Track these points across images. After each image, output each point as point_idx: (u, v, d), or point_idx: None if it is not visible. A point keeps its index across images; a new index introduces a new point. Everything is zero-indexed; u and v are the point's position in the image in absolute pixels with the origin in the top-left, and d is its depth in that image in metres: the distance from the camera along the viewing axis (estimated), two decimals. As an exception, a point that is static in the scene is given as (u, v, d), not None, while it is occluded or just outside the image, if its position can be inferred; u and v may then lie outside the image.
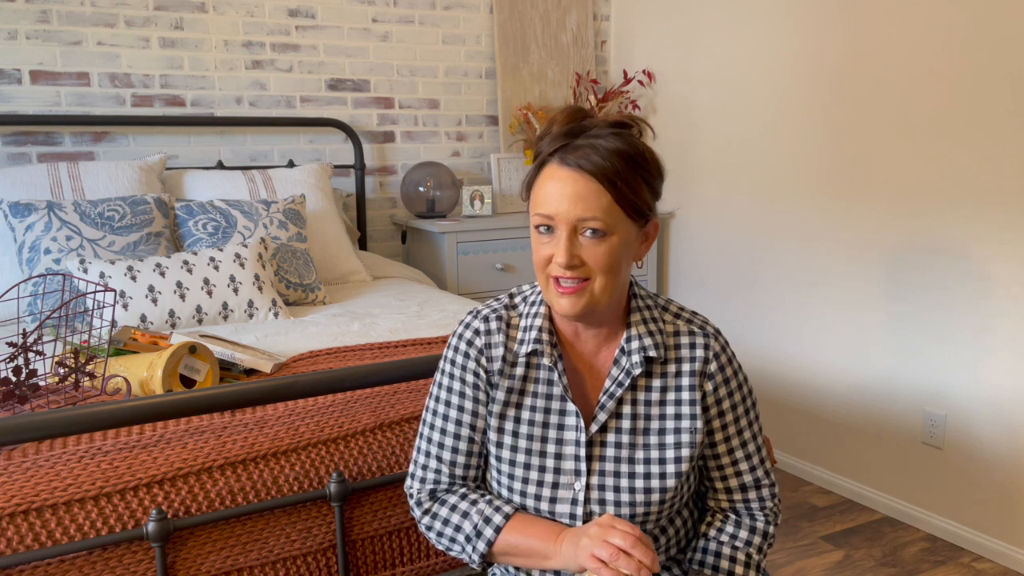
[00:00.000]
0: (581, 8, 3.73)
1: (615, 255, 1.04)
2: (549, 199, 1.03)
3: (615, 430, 1.11)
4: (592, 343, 1.14)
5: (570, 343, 1.15)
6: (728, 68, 3.17)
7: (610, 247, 1.03)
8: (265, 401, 1.28)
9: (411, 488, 1.20)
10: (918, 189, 2.51)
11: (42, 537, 1.17)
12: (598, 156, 1.02)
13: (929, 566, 2.37)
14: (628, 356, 1.11)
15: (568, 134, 1.05)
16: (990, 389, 2.37)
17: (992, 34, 2.27)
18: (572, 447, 1.11)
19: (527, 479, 1.12)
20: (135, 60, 2.89)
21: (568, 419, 1.12)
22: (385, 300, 2.57)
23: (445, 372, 1.18)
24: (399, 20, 3.35)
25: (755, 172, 3.10)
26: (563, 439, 1.12)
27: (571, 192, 1.02)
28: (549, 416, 1.12)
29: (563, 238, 1.03)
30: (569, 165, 1.03)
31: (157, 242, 2.43)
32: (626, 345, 1.11)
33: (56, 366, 1.58)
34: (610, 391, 1.11)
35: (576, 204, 1.02)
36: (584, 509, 1.10)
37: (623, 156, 1.03)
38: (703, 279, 3.41)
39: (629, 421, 1.12)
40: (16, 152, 2.75)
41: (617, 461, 1.11)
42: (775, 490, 1.20)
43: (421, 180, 3.31)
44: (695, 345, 1.13)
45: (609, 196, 1.02)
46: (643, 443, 1.11)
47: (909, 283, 2.56)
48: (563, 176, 1.03)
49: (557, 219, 1.03)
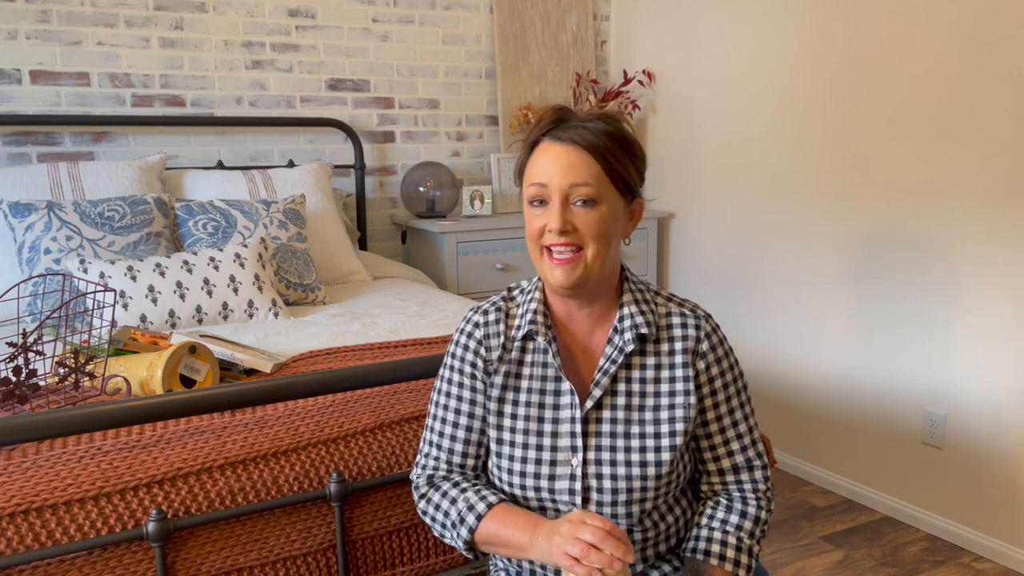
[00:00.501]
0: (581, 8, 3.73)
1: (605, 223, 1.10)
2: (542, 171, 1.10)
3: (610, 407, 1.15)
4: (586, 323, 1.18)
5: (564, 325, 1.19)
6: (728, 68, 3.17)
7: (600, 215, 1.09)
8: (265, 401, 1.28)
9: (413, 475, 1.25)
10: (918, 189, 2.51)
11: (42, 537, 1.17)
12: (589, 134, 1.09)
13: (929, 566, 2.37)
14: (621, 334, 1.15)
15: (557, 120, 1.12)
16: (990, 389, 2.37)
17: (992, 34, 2.27)
18: (568, 424, 1.14)
19: (526, 459, 1.15)
20: (135, 60, 2.89)
21: (563, 398, 1.15)
22: (385, 300, 2.57)
23: (447, 365, 1.23)
24: (399, 20, 3.35)
25: (755, 172, 3.10)
26: (559, 418, 1.15)
27: (564, 162, 1.08)
28: (545, 396, 1.16)
29: (556, 205, 1.09)
30: (562, 140, 1.10)
31: (157, 242, 2.43)
32: (619, 324, 1.16)
33: (56, 366, 1.58)
34: (604, 368, 1.15)
35: (568, 172, 1.08)
36: (582, 484, 1.13)
37: (612, 136, 1.10)
38: (703, 279, 3.41)
39: (624, 398, 1.15)
40: (16, 152, 2.75)
41: (613, 436, 1.14)
42: (767, 473, 1.21)
43: (421, 180, 3.31)
44: (686, 325, 1.18)
45: (600, 167, 1.09)
46: (638, 419, 1.14)
47: (909, 283, 2.56)
48: (556, 150, 1.10)
49: (551, 187, 1.09)
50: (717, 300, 3.33)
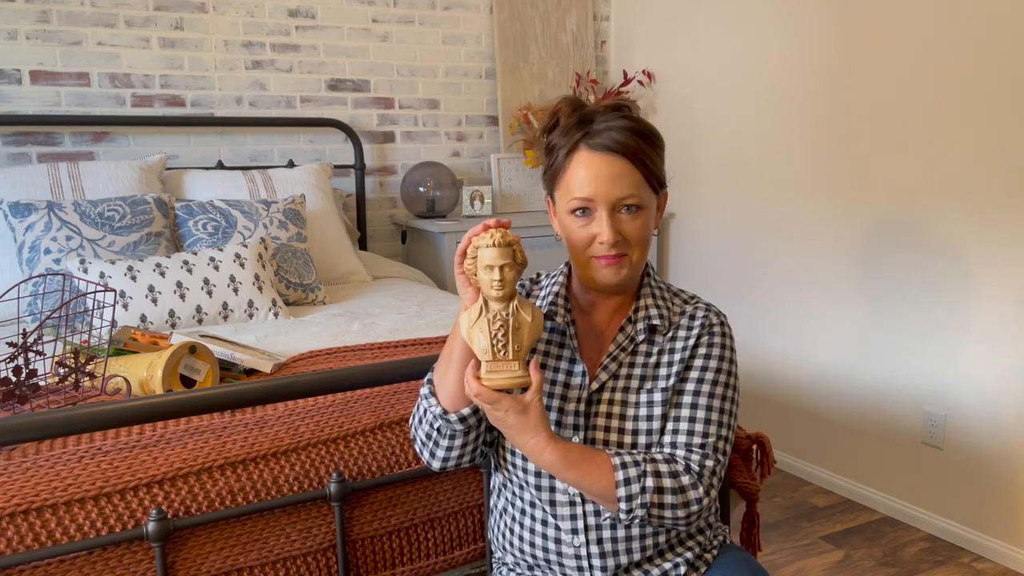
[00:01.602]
0: (581, 8, 3.73)
1: (648, 227, 1.14)
2: (585, 183, 1.11)
3: (611, 389, 1.17)
4: (606, 312, 1.21)
5: (584, 311, 1.22)
6: (728, 68, 3.17)
7: (644, 221, 1.13)
8: (265, 401, 1.28)
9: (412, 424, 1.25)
10: (918, 189, 2.51)
11: (42, 537, 1.17)
12: (620, 136, 1.10)
13: (929, 566, 2.37)
14: (634, 325, 1.18)
15: (581, 122, 1.13)
16: (990, 389, 2.37)
17: (993, 34, 2.27)
18: (573, 404, 1.16)
19: None
20: (135, 60, 2.89)
21: (574, 379, 1.17)
22: (385, 300, 2.57)
23: None
24: (399, 20, 3.35)
25: (755, 172, 3.10)
26: (567, 396, 1.17)
27: (607, 173, 1.10)
28: (557, 374, 1.18)
29: (604, 217, 1.10)
30: (598, 149, 1.11)
31: (157, 242, 2.43)
32: (633, 315, 1.19)
33: (56, 366, 1.58)
34: (612, 353, 1.17)
35: (614, 184, 1.10)
36: None
37: (638, 133, 1.11)
38: (703, 279, 3.41)
39: (623, 380, 1.17)
40: (16, 152, 2.75)
41: (608, 417, 1.16)
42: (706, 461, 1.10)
43: (421, 180, 3.31)
44: (695, 316, 1.20)
45: (639, 173, 1.11)
46: (634, 401, 1.16)
47: (909, 283, 2.56)
48: (595, 160, 1.11)
49: (597, 200, 1.10)
50: (717, 300, 3.33)
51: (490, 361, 1.03)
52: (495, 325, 1.02)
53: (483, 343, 1.03)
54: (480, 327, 1.03)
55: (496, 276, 1.03)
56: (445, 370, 1.13)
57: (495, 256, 1.02)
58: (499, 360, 1.03)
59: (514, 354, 1.03)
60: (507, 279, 1.03)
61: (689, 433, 1.13)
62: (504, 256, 1.02)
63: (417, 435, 1.20)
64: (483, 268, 1.03)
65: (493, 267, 1.02)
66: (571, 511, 1.15)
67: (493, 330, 1.02)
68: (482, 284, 1.05)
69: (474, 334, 1.04)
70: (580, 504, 1.15)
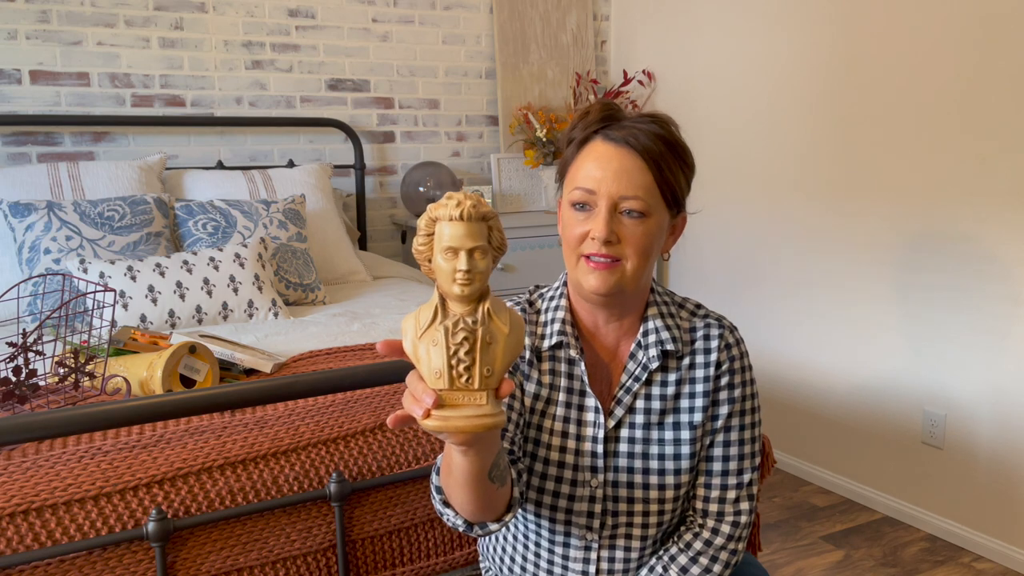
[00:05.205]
0: (581, 8, 3.73)
1: (650, 238, 1.03)
2: (591, 173, 1.02)
3: (628, 425, 1.10)
4: (612, 336, 1.12)
5: (591, 334, 1.12)
6: (729, 68, 3.17)
7: (647, 230, 1.03)
8: (265, 401, 1.27)
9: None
10: (918, 189, 2.51)
11: (42, 537, 1.17)
12: (643, 136, 1.02)
13: (929, 566, 2.37)
14: (645, 350, 1.10)
15: (607, 117, 1.06)
16: (990, 389, 2.37)
17: (993, 34, 2.27)
18: (590, 443, 1.09)
19: (545, 475, 1.10)
20: (135, 60, 2.89)
21: (587, 415, 1.10)
22: (385, 300, 2.57)
23: None
24: (399, 20, 3.35)
25: (755, 172, 3.10)
26: (582, 435, 1.09)
27: (616, 167, 1.01)
28: (570, 411, 1.10)
29: (602, 213, 1.01)
30: (615, 141, 1.03)
31: (157, 242, 2.43)
32: (643, 339, 1.10)
33: (56, 366, 1.58)
34: (626, 386, 1.10)
35: (620, 179, 1.01)
36: (601, 507, 1.09)
37: (665, 141, 1.04)
38: (704, 279, 3.41)
39: (643, 415, 1.10)
40: (16, 152, 2.75)
41: (631, 456, 1.09)
42: (737, 529, 1.11)
43: (421, 180, 3.31)
44: (710, 336, 1.12)
45: (652, 176, 1.02)
46: (657, 437, 1.09)
47: (909, 283, 2.56)
48: (608, 151, 1.03)
49: (599, 193, 1.02)
50: (717, 301, 3.33)
51: (446, 390, 0.72)
52: (456, 338, 0.71)
53: (436, 363, 0.72)
54: (432, 338, 0.72)
55: (462, 264, 0.71)
56: (449, 487, 0.95)
57: (460, 234, 0.71)
58: (459, 389, 0.72)
59: (481, 381, 0.72)
60: (477, 269, 0.72)
61: (723, 488, 1.11)
62: (474, 235, 0.71)
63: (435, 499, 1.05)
64: (442, 251, 0.72)
65: (457, 250, 0.71)
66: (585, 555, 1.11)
67: (453, 344, 0.71)
68: (439, 275, 0.73)
69: (422, 348, 0.73)
70: (597, 517, 1.10)
